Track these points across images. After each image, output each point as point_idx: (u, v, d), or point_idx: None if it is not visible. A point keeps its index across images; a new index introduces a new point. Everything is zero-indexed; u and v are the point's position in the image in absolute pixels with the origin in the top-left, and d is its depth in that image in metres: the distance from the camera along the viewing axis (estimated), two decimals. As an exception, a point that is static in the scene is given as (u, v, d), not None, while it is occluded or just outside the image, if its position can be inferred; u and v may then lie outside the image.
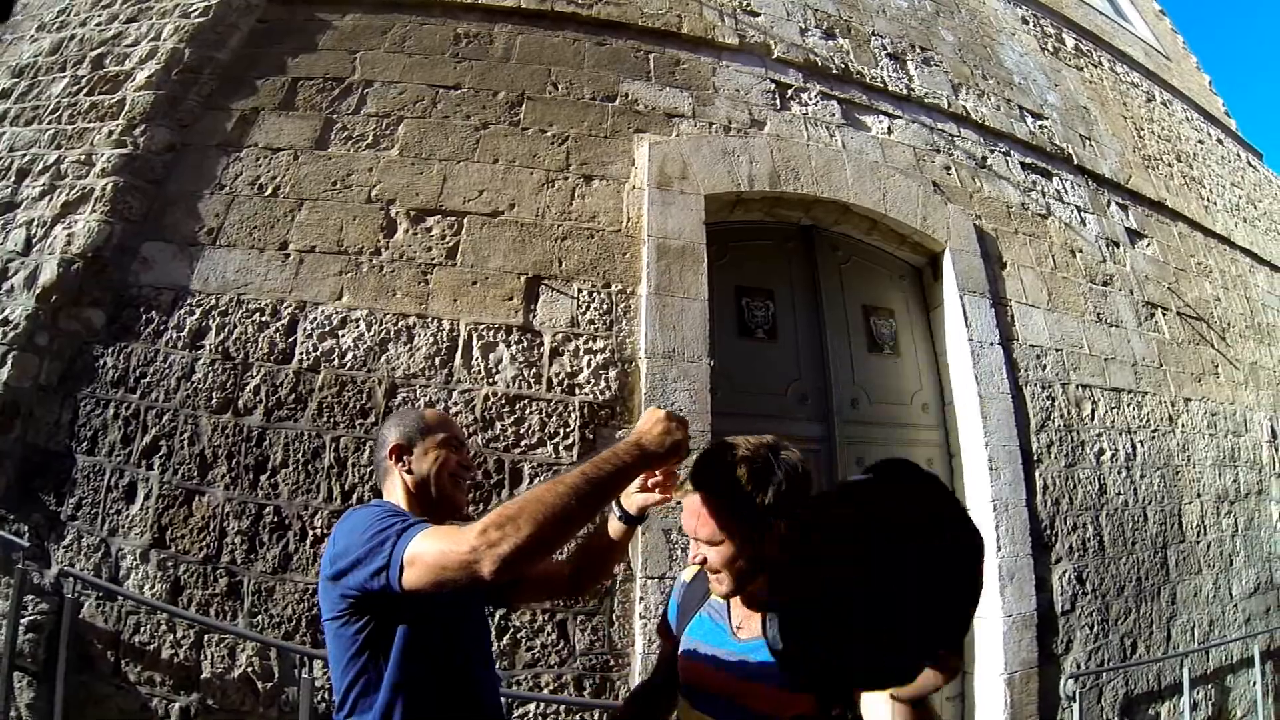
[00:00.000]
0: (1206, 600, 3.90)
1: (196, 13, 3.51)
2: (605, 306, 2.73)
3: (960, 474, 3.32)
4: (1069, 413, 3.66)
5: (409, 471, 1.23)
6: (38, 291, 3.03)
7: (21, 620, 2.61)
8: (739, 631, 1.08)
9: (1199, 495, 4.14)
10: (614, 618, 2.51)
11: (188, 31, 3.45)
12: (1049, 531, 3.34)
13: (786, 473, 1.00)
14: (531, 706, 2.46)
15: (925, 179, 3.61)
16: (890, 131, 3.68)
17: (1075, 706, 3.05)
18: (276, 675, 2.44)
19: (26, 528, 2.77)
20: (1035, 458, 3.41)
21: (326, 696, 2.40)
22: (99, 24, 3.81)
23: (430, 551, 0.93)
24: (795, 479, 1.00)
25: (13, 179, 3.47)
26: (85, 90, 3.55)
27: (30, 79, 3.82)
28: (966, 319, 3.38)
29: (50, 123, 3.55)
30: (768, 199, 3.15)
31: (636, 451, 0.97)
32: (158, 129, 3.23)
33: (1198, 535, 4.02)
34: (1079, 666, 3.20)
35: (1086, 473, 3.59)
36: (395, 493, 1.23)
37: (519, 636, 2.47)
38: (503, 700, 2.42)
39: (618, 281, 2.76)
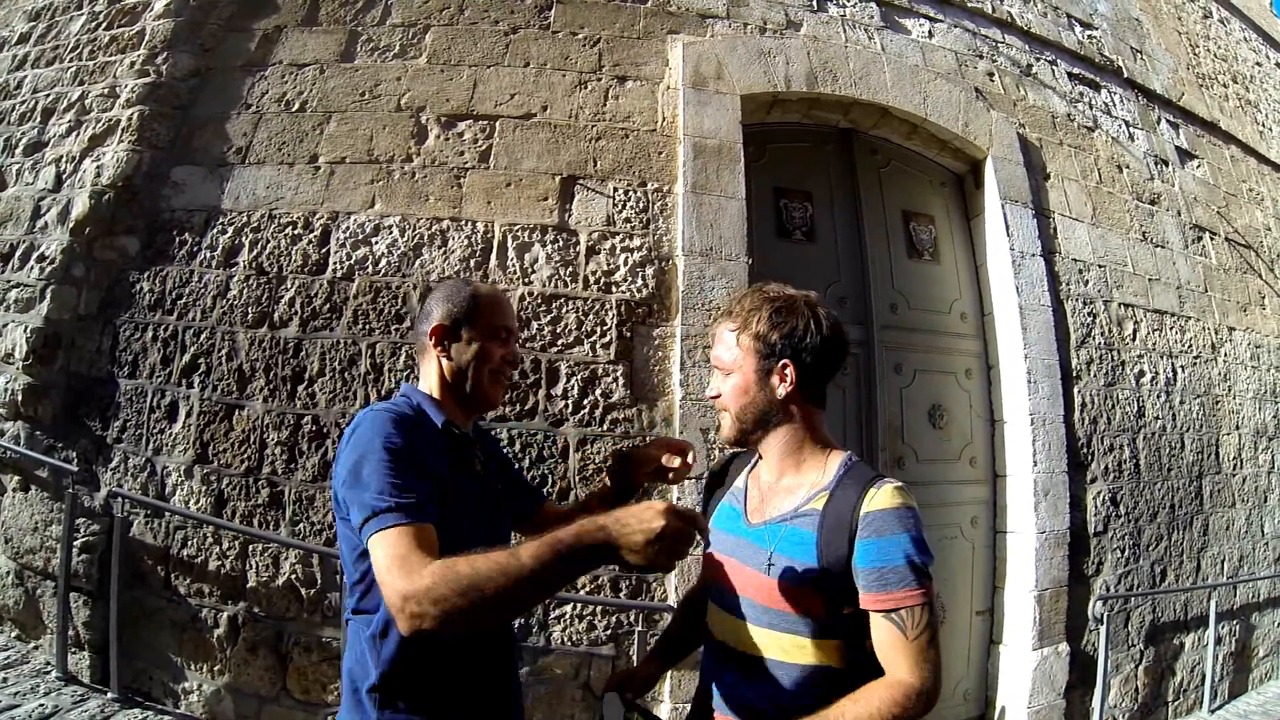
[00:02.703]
0: (1238, 535, 3.81)
1: (212, -63, 3.44)
2: (641, 205, 2.66)
3: (998, 386, 3.25)
4: (1110, 331, 3.53)
5: (448, 358, 1.12)
6: (71, 225, 3.05)
7: (75, 542, 2.69)
8: (751, 517, 1.04)
9: (1238, 427, 4.01)
10: (652, 519, 2.47)
11: (204, -43, 3.39)
12: (1085, 450, 3.26)
13: (807, 320, 0.99)
14: (568, 608, 2.47)
15: (967, 84, 3.45)
16: (931, 35, 3.51)
17: (1102, 629, 3.02)
18: (319, 581, 2.48)
19: (75, 453, 2.83)
20: (1074, 374, 3.31)
21: None
22: (114, -42, 3.76)
23: (380, 563, 0.87)
24: (820, 335, 0.99)
25: (38, 119, 3.48)
26: (104, 25, 3.52)
27: (48, 20, 3.81)
28: (1008, 228, 3.25)
29: (71, 60, 3.54)
30: (805, 100, 3.04)
31: (602, 540, 0.79)
32: (180, 55, 3.19)
33: (1234, 468, 3.91)
34: (1108, 589, 3.16)
35: (1126, 393, 3.48)
36: (430, 376, 1.15)
37: (559, 539, 2.43)
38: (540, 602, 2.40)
39: (654, 180, 2.69)
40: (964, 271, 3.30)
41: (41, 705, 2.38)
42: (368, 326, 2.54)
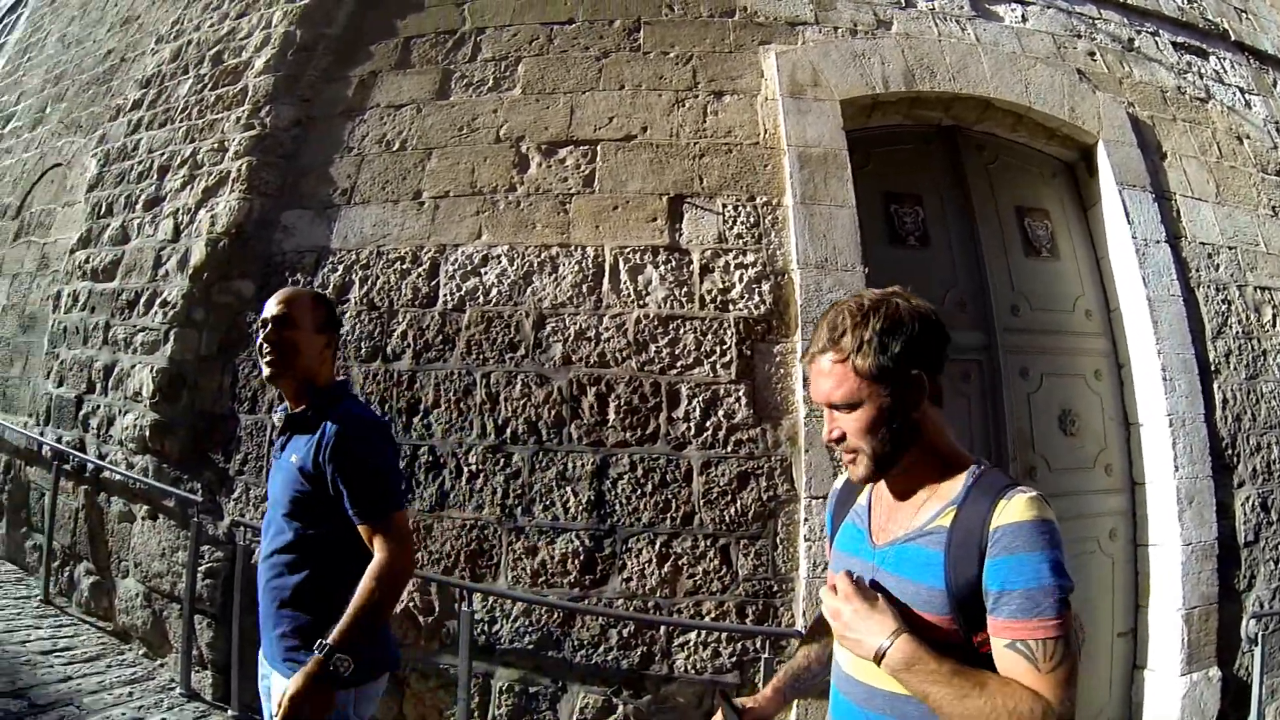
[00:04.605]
0: (1404, 543, 3.38)
1: (300, -4, 3.62)
2: (752, 220, 2.61)
3: (1130, 386, 3.02)
4: (1247, 318, 3.24)
5: None
6: (190, 272, 3.22)
7: (199, 568, 2.81)
8: (877, 537, 0.94)
9: (1397, 420, 3.58)
10: (778, 541, 2.41)
11: (295, 14, 3.56)
12: (1230, 451, 2.98)
13: (911, 315, 0.88)
14: (692, 635, 2.40)
15: (1069, 67, 3.26)
16: (1025, 20, 3.35)
17: (1257, 651, 2.70)
18: (437, 609, 2.50)
19: (200, 485, 2.97)
20: (1213, 368, 3.04)
21: (486, 629, 2.43)
22: (212, 25, 4.00)
23: None
24: (928, 326, 0.88)
25: (155, 176, 3.71)
26: (209, 86, 3.74)
27: (157, 86, 4.07)
28: (1128, 215, 3.04)
29: (181, 120, 3.76)
30: (904, 100, 2.94)
31: None
32: (282, 107, 3.34)
33: (1397, 462, 3.48)
34: (1262, 605, 2.86)
35: (1270, 386, 3.18)
36: None
37: (680, 564, 2.39)
38: (662, 629, 2.35)
39: (762, 194, 2.64)
40: (1085, 265, 3.10)
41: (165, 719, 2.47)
42: (481, 356, 2.56)
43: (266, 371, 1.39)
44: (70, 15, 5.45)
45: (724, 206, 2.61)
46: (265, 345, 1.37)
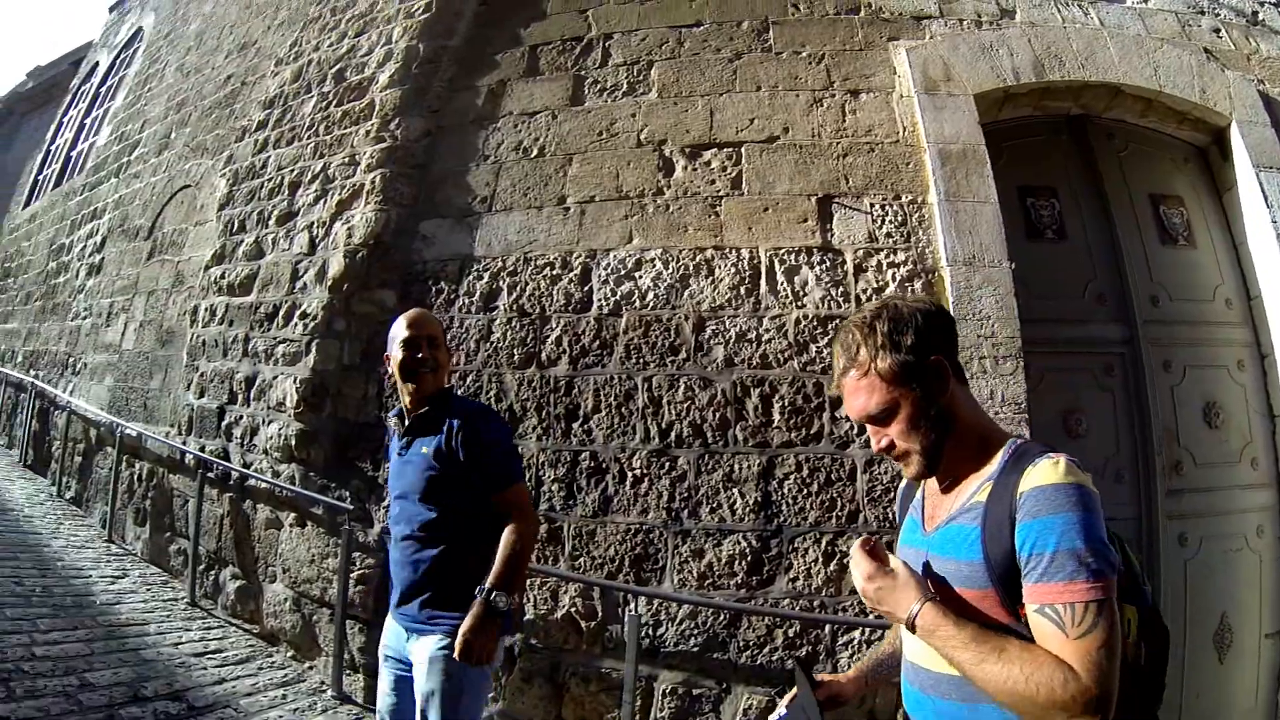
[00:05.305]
0: None
1: (419, 10, 3.73)
2: (900, 218, 2.64)
3: (1274, 377, 2.94)
4: (1389, 303, 3.12)
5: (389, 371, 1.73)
6: (329, 283, 3.34)
7: (350, 574, 2.89)
8: (927, 524, 0.97)
9: None
10: (941, 537, 2.40)
11: (415, 28, 3.68)
12: (1373, 445, 2.89)
13: (910, 310, 0.94)
14: (856, 634, 2.40)
15: (1195, 46, 3.21)
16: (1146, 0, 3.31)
17: None
18: (600, 614, 2.53)
19: (348, 493, 3.06)
20: (1356, 356, 2.95)
21: (651, 632, 2.44)
22: (331, 44, 4.14)
23: None
24: (931, 315, 0.94)
25: (286, 192, 3.86)
26: (334, 102, 3.88)
27: (281, 106, 4.23)
28: (1266, 198, 2.97)
29: (309, 138, 3.91)
30: (1035, 91, 2.92)
31: None
32: (411, 119, 3.46)
33: None
34: None
35: None
36: None
37: (845, 562, 2.41)
38: (827, 629, 2.37)
39: (907, 192, 2.67)
40: (1223, 253, 3.05)
41: (321, 722, 2.55)
42: (641, 360, 2.63)
43: (415, 385, 1.65)
44: (186, 46, 5.67)
45: (871, 206, 2.64)
46: (424, 358, 1.65)
